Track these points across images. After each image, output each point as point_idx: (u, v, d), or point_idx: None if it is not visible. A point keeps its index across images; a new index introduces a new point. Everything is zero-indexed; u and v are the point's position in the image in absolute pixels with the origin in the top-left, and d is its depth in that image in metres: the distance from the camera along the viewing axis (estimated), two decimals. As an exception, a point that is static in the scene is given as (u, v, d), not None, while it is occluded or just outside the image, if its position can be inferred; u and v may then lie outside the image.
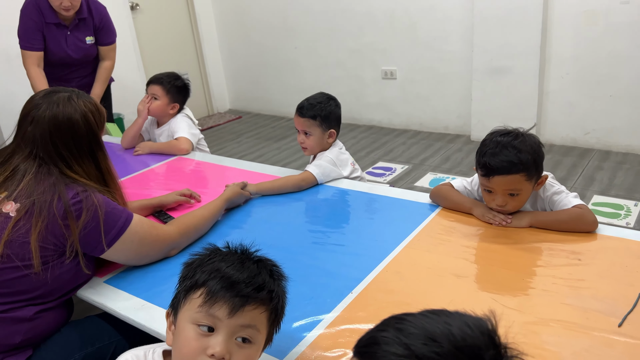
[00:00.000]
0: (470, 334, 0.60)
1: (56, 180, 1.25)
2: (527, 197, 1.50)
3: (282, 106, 5.15)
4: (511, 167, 1.42)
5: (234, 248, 0.97)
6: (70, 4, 2.68)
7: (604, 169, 3.33)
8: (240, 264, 0.91)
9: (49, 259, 1.22)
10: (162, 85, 2.47)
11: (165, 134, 2.56)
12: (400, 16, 4.14)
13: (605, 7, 3.33)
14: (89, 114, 1.32)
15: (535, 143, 1.48)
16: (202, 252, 0.96)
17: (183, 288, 0.91)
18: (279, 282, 0.96)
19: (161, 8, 4.79)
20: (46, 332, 1.26)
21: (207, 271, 0.89)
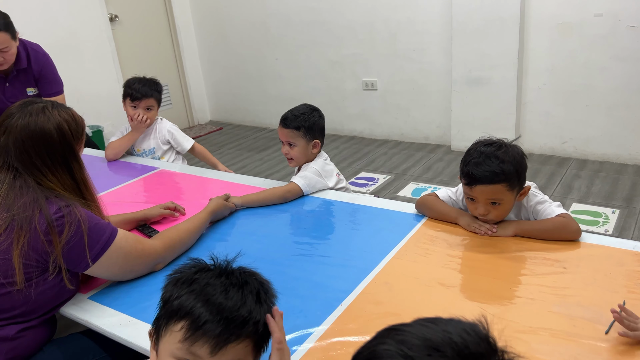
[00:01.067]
0: (471, 340, 0.59)
1: (36, 195, 1.22)
2: (510, 207, 1.52)
3: (263, 117, 5.15)
4: (493, 177, 1.44)
5: (218, 265, 0.90)
6: (2, 59, 2.54)
7: (582, 177, 3.40)
8: (224, 293, 0.83)
9: (32, 276, 1.19)
10: (154, 97, 2.51)
11: (153, 139, 2.59)
12: (380, 28, 4.19)
13: (579, 20, 3.42)
14: (63, 124, 1.29)
15: (519, 154, 1.50)
16: (185, 271, 0.89)
17: (164, 313, 0.86)
18: (267, 304, 0.89)
19: (140, 19, 4.76)
20: (29, 351, 1.22)
21: (188, 301, 0.82)
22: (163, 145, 2.61)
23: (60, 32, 4.04)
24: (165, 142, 2.61)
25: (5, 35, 2.47)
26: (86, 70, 4.26)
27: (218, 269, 0.89)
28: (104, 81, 4.42)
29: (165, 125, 2.62)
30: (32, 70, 2.77)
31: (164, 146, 2.61)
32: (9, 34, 2.50)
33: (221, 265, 0.90)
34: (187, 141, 2.63)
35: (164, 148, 2.61)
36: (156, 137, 2.61)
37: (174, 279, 0.88)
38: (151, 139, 2.61)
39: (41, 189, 1.24)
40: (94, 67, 4.32)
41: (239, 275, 0.87)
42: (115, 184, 2.23)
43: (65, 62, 4.08)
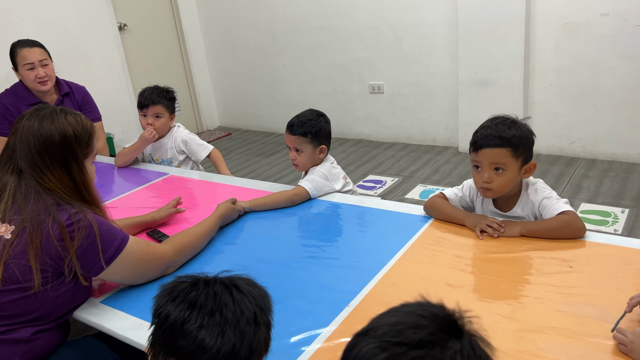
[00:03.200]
0: (436, 307, 0.65)
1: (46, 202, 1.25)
2: (513, 178, 1.53)
3: (271, 122, 5.18)
4: (498, 140, 1.50)
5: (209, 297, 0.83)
6: (44, 74, 2.61)
7: (591, 177, 3.39)
8: (221, 336, 0.80)
9: (48, 280, 1.22)
10: (162, 104, 2.49)
11: (170, 148, 2.59)
12: (386, 32, 4.21)
13: (585, 20, 3.41)
14: (67, 128, 1.31)
15: (527, 129, 1.55)
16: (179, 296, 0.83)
17: (161, 344, 0.83)
18: (265, 324, 0.86)
19: (149, 28, 4.81)
20: (43, 353, 1.25)
21: (186, 345, 0.79)
22: (179, 155, 2.59)
23: (70, 41, 4.10)
24: (180, 151, 2.58)
25: (40, 49, 2.62)
26: (96, 79, 4.31)
27: (211, 298, 0.83)
28: (113, 89, 4.47)
29: (180, 135, 2.58)
30: (75, 97, 2.87)
31: (179, 156, 2.59)
32: (46, 51, 2.65)
33: (212, 293, 0.83)
34: (203, 150, 2.56)
35: (180, 158, 2.59)
36: (172, 146, 2.58)
37: (169, 302, 0.83)
38: (167, 149, 2.59)
39: (47, 193, 1.27)
40: (104, 75, 4.38)
41: (232, 307, 0.82)
42: (126, 190, 2.27)
43: (76, 70, 4.15)
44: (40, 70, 2.60)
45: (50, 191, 1.27)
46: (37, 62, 2.60)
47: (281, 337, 1.21)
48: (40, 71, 2.60)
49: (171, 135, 2.59)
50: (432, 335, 0.60)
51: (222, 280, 0.87)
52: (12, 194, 1.25)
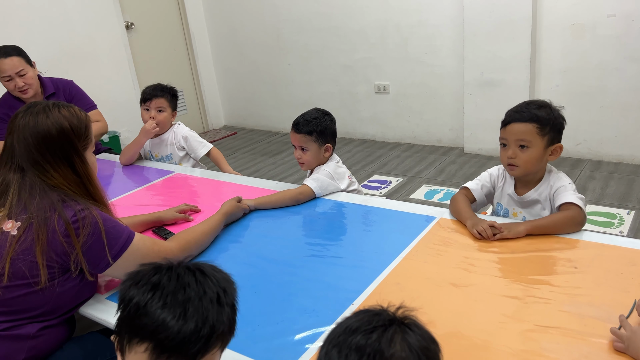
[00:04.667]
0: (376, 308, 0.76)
1: (52, 198, 1.25)
2: (538, 157, 1.56)
3: (276, 122, 5.19)
4: (526, 115, 1.55)
5: (173, 276, 0.84)
6: (23, 84, 2.55)
7: (596, 179, 3.37)
8: (183, 314, 0.80)
9: (55, 276, 1.23)
10: (164, 97, 2.50)
11: (170, 145, 2.59)
12: (392, 32, 4.21)
13: (592, 21, 3.40)
14: (63, 121, 1.31)
15: (558, 113, 1.59)
16: (142, 280, 0.84)
17: (125, 327, 0.82)
18: (229, 305, 0.86)
19: (156, 27, 4.83)
20: (49, 349, 1.26)
21: (149, 324, 0.79)
22: (179, 152, 2.60)
23: (77, 39, 4.12)
24: (180, 148, 2.60)
25: (16, 58, 2.52)
26: (103, 77, 4.34)
27: (174, 279, 0.83)
28: (120, 87, 4.50)
29: (181, 131, 2.60)
30: (62, 95, 2.84)
31: (179, 152, 2.61)
32: (23, 58, 2.55)
33: (175, 273, 0.84)
34: (202, 147, 2.58)
35: (180, 154, 2.61)
36: (172, 143, 2.60)
37: (132, 287, 0.83)
38: (168, 145, 2.61)
39: (52, 189, 1.27)
40: (111, 74, 4.40)
41: (195, 286, 0.83)
42: (131, 188, 2.28)
43: (83, 68, 4.18)
44: (19, 80, 2.53)
45: (54, 187, 1.28)
46: (14, 74, 2.53)
47: (285, 335, 1.21)
48: (19, 81, 2.53)
49: (172, 131, 2.61)
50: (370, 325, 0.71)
51: (186, 264, 0.87)
52: (17, 192, 1.26)
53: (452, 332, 1.17)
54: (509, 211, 1.73)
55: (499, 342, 1.13)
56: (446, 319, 1.22)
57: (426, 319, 1.21)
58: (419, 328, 0.72)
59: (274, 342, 1.19)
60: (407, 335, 0.70)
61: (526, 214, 1.68)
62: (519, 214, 1.70)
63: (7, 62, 2.51)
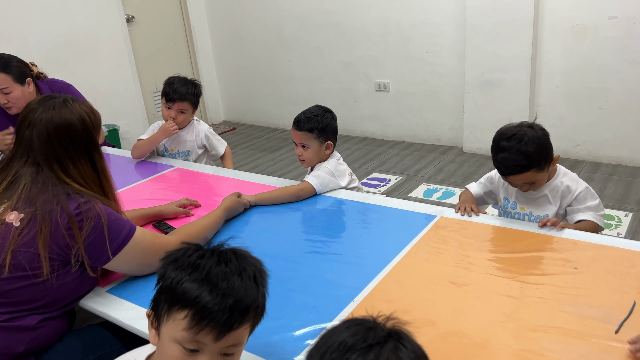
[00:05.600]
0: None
1: (57, 191, 1.26)
2: (546, 179, 1.68)
3: (276, 118, 5.18)
4: (521, 170, 1.60)
5: (215, 251, 0.91)
6: (6, 101, 2.42)
7: (595, 180, 3.38)
8: (226, 282, 0.86)
9: (55, 268, 1.23)
10: (189, 100, 2.45)
11: (189, 141, 2.55)
12: (393, 30, 4.21)
13: (593, 22, 3.41)
14: (85, 116, 1.33)
15: (538, 137, 1.60)
16: (183, 256, 0.90)
17: (166, 298, 0.87)
18: (263, 286, 0.93)
19: (157, 20, 4.82)
20: (49, 341, 1.26)
21: (192, 290, 0.84)
22: (198, 149, 2.56)
23: (78, 32, 4.11)
24: (201, 145, 2.56)
25: (4, 76, 2.38)
26: (103, 70, 4.32)
27: (216, 255, 0.90)
28: (120, 81, 4.48)
29: (202, 128, 2.56)
30: None
31: (199, 150, 2.57)
32: (11, 76, 2.40)
33: (217, 251, 0.91)
34: (221, 145, 2.60)
35: (198, 152, 2.57)
36: (192, 139, 2.55)
37: (174, 262, 0.89)
38: (187, 141, 2.55)
39: (62, 185, 1.28)
40: (111, 67, 4.39)
41: (236, 262, 0.90)
42: (132, 181, 2.28)
43: (83, 61, 4.16)
44: (1, 97, 2.41)
45: (65, 183, 1.28)
46: None
47: (286, 331, 1.22)
48: (1, 98, 2.41)
49: (192, 128, 2.56)
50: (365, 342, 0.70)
51: (225, 247, 0.94)
52: (29, 186, 1.25)
53: (452, 331, 1.18)
54: (517, 205, 1.76)
55: (499, 341, 1.13)
56: (446, 317, 1.22)
57: (426, 317, 1.22)
58: (412, 343, 0.73)
59: (274, 337, 1.19)
60: (401, 353, 0.70)
61: (533, 209, 1.73)
62: (526, 208, 1.74)
63: None
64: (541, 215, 1.71)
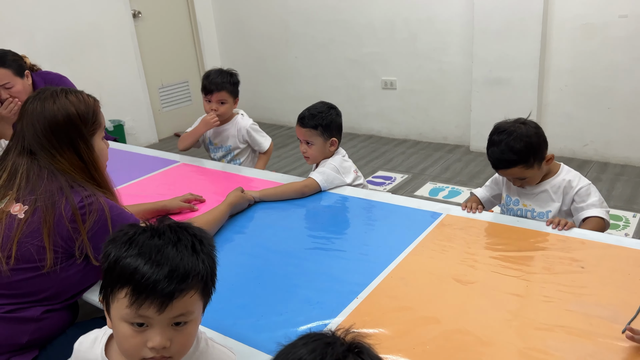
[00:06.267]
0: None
1: (60, 183, 1.26)
2: (538, 174, 1.69)
3: (281, 115, 5.18)
4: (507, 165, 1.64)
5: (150, 227, 0.91)
6: (8, 96, 2.39)
7: (603, 181, 3.36)
8: (159, 253, 0.85)
9: (58, 261, 1.23)
10: (226, 89, 2.41)
11: (232, 136, 2.51)
12: (400, 27, 4.19)
13: (603, 21, 3.37)
14: (70, 107, 1.32)
15: (529, 134, 1.62)
16: (120, 238, 0.89)
17: (107, 280, 0.88)
18: (204, 253, 0.91)
19: (163, 16, 4.82)
20: (52, 333, 1.26)
21: (126, 269, 0.84)
22: (240, 144, 2.51)
23: (84, 27, 4.11)
24: (243, 141, 2.51)
25: (3, 70, 2.36)
26: (108, 65, 4.33)
27: (150, 230, 0.90)
28: (125, 76, 4.49)
29: (245, 124, 2.50)
30: None
31: (241, 145, 2.51)
32: (10, 70, 2.38)
33: (153, 227, 0.91)
34: (266, 140, 2.54)
35: (241, 147, 2.52)
36: (234, 134, 2.50)
37: (112, 242, 0.89)
38: (230, 136, 2.50)
39: (61, 174, 1.28)
40: (117, 62, 4.39)
41: (170, 234, 0.89)
42: (136, 176, 2.27)
43: (89, 56, 4.17)
44: (3, 92, 2.39)
45: (62, 172, 1.28)
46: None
47: (289, 326, 1.21)
48: (3, 93, 2.39)
49: (235, 122, 2.51)
50: None
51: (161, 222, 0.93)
52: (26, 175, 1.26)
53: (457, 328, 1.17)
54: (519, 202, 1.77)
55: (504, 339, 1.12)
56: (451, 314, 1.21)
57: (431, 315, 1.22)
58: (372, 357, 0.71)
59: (278, 332, 1.19)
60: None
61: (535, 206, 1.73)
62: (528, 205, 1.74)
63: None
64: (543, 211, 1.71)
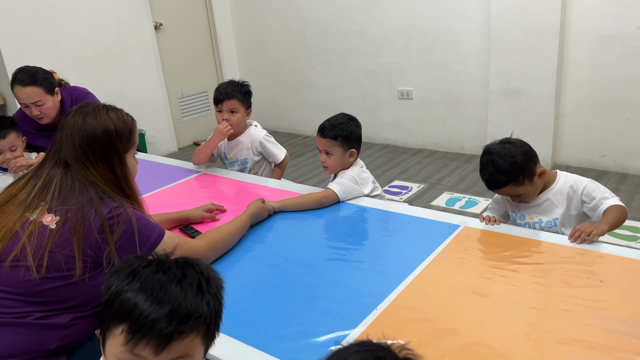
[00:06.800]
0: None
1: (88, 192, 1.30)
2: (534, 189, 1.70)
3: (299, 124, 5.22)
4: (496, 184, 1.69)
5: (156, 261, 0.86)
6: (39, 112, 2.46)
7: (622, 192, 3.33)
8: (162, 290, 0.80)
9: (87, 270, 1.27)
10: (236, 98, 2.38)
11: (246, 148, 2.48)
12: (417, 38, 4.21)
13: (621, 32, 3.36)
14: (109, 124, 1.38)
15: (513, 154, 1.65)
16: (124, 269, 0.84)
17: (105, 314, 0.83)
18: (210, 293, 0.85)
19: (184, 28, 4.91)
20: (79, 339, 1.30)
21: (125, 304, 0.79)
22: (255, 156, 2.48)
23: (108, 39, 4.21)
24: (257, 153, 2.48)
25: (35, 89, 2.42)
26: (130, 76, 4.42)
27: (155, 264, 0.85)
28: (147, 86, 4.58)
29: (258, 135, 2.47)
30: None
31: (255, 157, 2.48)
32: (42, 88, 2.43)
33: (159, 260, 0.86)
34: (280, 151, 2.50)
35: (255, 159, 2.49)
36: (248, 147, 2.47)
37: (115, 274, 0.84)
38: (244, 149, 2.48)
39: (92, 185, 1.32)
40: (138, 73, 4.49)
41: (176, 270, 0.84)
42: (159, 186, 2.32)
43: (111, 67, 4.26)
44: (34, 109, 2.46)
45: (93, 184, 1.33)
46: (30, 103, 2.43)
47: (310, 336, 1.24)
48: (34, 110, 2.46)
49: (248, 134, 2.49)
50: None
51: (174, 258, 0.88)
52: (59, 186, 1.31)
53: (475, 341, 1.18)
54: (525, 216, 1.78)
55: (523, 352, 1.13)
56: (469, 327, 1.23)
57: (449, 327, 1.23)
58: None
59: (298, 342, 1.21)
60: None
61: (542, 217, 1.75)
62: (535, 217, 1.76)
63: (24, 92, 2.42)
64: (550, 219, 1.73)
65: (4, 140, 2.39)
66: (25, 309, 1.23)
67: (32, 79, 2.42)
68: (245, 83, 2.44)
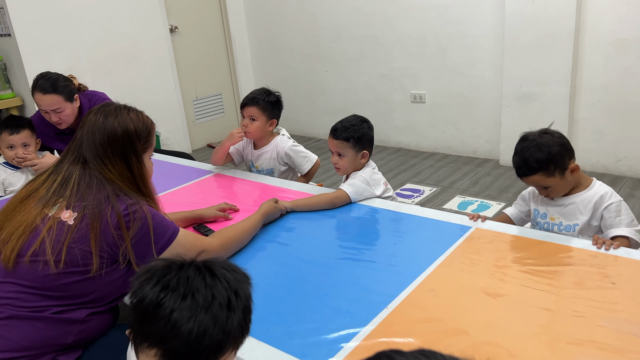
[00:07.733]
0: None
1: (105, 189, 1.33)
2: (564, 185, 1.68)
3: (311, 127, 5.24)
4: (528, 171, 1.66)
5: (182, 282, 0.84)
6: (58, 119, 2.51)
7: (636, 197, 3.30)
8: (192, 319, 0.80)
9: (103, 265, 1.30)
10: (257, 105, 2.32)
11: (271, 158, 2.44)
12: (430, 42, 4.22)
13: (636, 36, 3.34)
14: (129, 124, 1.41)
15: (549, 143, 1.64)
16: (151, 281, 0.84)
17: (138, 330, 0.84)
18: (240, 307, 0.85)
19: (199, 31, 4.97)
20: (95, 334, 1.33)
21: (161, 327, 0.80)
22: (281, 166, 2.44)
23: (124, 42, 4.28)
24: (284, 163, 2.43)
25: (55, 97, 2.45)
26: (146, 78, 4.48)
27: (182, 285, 0.83)
28: (162, 89, 4.63)
29: (284, 146, 2.41)
30: None
31: (282, 167, 2.44)
32: (62, 95, 2.46)
33: (185, 277, 0.84)
34: (307, 162, 2.40)
35: (281, 169, 2.45)
36: (274, 157, 2.43)
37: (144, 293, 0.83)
38: (270, 158, 2.44)
39: (109, 182, 1.35)
40: (153, 76, 4.55)
41: (204, 291, 0.83)
42: (173, 185, 2.36)
43: (127, 70, 4.33)
44: (53, 115, 2.48)
45: (110, 181, 1.36)
46: (49, 110, 2.47)
47: (321, 334, 1.25)
48: (53, 117, 2.49)
49: (274, 144, 2.43)
50: None
51: (196, 264, 0.87)
52: (77, 182, 1.34)
53: (486, 341, 1.18)
54: (547, 215, 1.77)
55: (534, 353, 1.13)
56: (480, 327, 1.23)
57: (460, 327, 1.24)
58: None
59: (309, 339, 1.22)
60: None
61: (563, 219, 1.73)
62: (556, 218, 1.75)
63: (44, 99, 2.45)
64: (570, 224, 1.71)
65: (17, 136, 2.45)
66: (43, 303, 1.27)
67: (53, 87, 2.45)
68: (274, 92, 2.38)
